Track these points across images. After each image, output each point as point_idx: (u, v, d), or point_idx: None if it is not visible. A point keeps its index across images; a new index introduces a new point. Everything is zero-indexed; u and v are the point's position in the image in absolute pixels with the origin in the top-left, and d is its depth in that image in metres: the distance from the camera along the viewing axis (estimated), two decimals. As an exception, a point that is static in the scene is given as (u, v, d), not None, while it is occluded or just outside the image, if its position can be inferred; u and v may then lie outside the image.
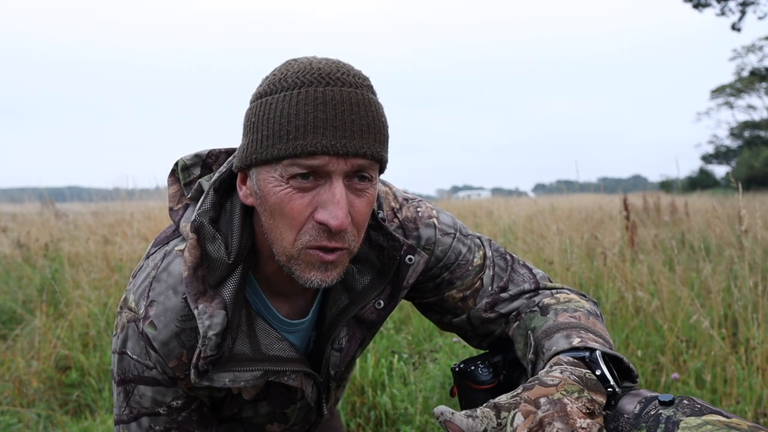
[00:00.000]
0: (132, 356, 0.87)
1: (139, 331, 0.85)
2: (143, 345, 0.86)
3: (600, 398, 0.73)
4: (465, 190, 60.77)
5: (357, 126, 0.77)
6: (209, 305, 0.81)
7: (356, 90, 0.79)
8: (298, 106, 0.76)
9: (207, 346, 0.80)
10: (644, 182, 52.58)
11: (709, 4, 22.10)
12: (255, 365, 0.87)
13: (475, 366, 1.00)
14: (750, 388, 2.37)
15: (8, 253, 5.22)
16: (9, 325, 3.77)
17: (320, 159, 0.76)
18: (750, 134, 43.37)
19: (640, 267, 3.69)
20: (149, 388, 0.88)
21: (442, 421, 0.66)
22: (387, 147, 0.83)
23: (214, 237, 0.84)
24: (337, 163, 0.76)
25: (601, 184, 9.81)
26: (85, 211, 8.10)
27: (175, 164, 0.95)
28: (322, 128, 0.75)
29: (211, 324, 0.80)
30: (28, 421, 2.60)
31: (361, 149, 0.77)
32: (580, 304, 0.97)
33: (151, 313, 0.85)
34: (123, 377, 0.89)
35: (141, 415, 0.90)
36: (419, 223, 1.01)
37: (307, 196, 0.78)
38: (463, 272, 1.02)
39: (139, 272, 0.91)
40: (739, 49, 38.54)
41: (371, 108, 0.79)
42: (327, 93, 0.77)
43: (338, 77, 0.78)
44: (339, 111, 0.76)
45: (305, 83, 0.78)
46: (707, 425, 0.60)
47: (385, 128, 0.82)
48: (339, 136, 0.76)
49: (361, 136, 0.77)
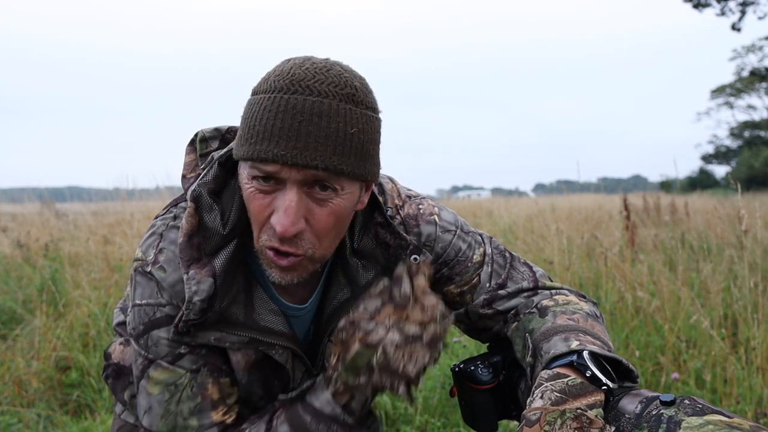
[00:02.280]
0: (142, 302, 0.88)
1: (148, 273, 0.88)
2: (153, 285, 0.88)
3: (591, 399, 0.74)
4: (465, 190, 60.78)
5: (313, 137, 0.76)
6: (199, 272, 0.83)
7: (324, 99, 0.78)
8: (263, 111, 0.78)
9: (191, 310, 0.83)
10: (644, 182, 52.61)
11: (709, 4, 22.10)
12: (244, 331, 0.89)
13: (475, 366, 1.00)
14: (750, 388, 2.37)
15: (8, 253, 5.22)
16: (9, 325, 3.77)
17: (273, 166, 0.78)
18: (750, 134, 43.38)
19: (640, 267, 3.69)
20: (163, 330, 0.87)
21: None
22: (356, 159, 0.80)
23: (211, 207, 0.87)
24: (289, 171, 0.78)
25: (601, 184, 9.80)
26: (85, 211, 8.09)
27: (195, 135, 0.98)
28: (276, 137, 0.77)
29: (198, 290, 0.82)
30: (28, 421, 2.60)
31: (313, 161, 0.76)
32: (579, 305, 0.97)
33: (161, 258, 0.88)
34: (137, 331, 0.89)
35: (167, 364, 0.88)
36: (420, 220, 1.02)
37: (267, 198, 0.81)
38: (462, 269, 1.03)
39: (148, 231, 0.94)
40: (739, 49, 38.56)
41: (337, 119, 0.78)
42: (290, 101, 0.77)
43: (308, 85, 0.78)
44: (296, 120, 0.76)
45: (276, 89, 0.79)
46: (709, 425, 0.60)
47: (352, 140, 0.79)
48: (291, 146, 0.76)
49: (315, 147, 0.76)
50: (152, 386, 0.89)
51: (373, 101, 0.85)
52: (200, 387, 0.89)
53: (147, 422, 0.90)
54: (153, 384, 0.89)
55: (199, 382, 0.89)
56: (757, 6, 21.92)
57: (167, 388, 0.88)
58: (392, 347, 0.84)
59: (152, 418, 0.89)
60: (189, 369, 0.88)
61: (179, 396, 0.88)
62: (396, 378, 0.85)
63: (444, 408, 2.49)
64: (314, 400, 0.89)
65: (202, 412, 0.89)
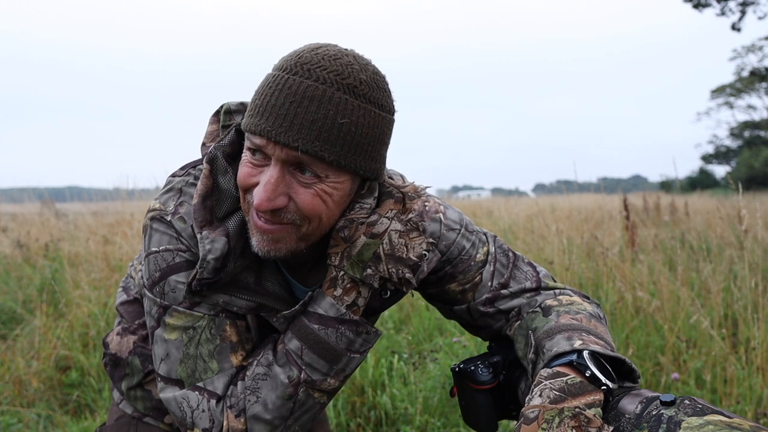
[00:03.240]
0: (159, 249, 0.89)
1: (168, 221, 0.89)
2: (173, 233, 0.89)
3: (590, 398, 0.74)
4: (465, 190, 60.80)
5: (299, 119, 0.78)
6: (212, 232, 0.85)
7: (320, 85, 0.79)
8: (266, 88, 0.82)
9: (205, 269, 0.84)
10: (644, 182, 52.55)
11: (709, 4, 22.10)
12: (253, 296, 0.90)
13: (474, 366, 1.00)
14: (750, 388, 2.37)
15: (8, 253, 5.22)
16: (9, 325, 3.77)
17: (260, 140, 0.80)
18: (750, 134, 43.39)
19: (640, 267, 3.68)
20: (182, 275, 0.88)
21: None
22: (341, 149, 0.80)
23: (226, 170, 0.89)
24: (274, 148, 0.80)
25: (601, 184, 9.79)
26: (85, 211, 8.10)
27: (221, 106, 0.99)
28: (268, 113, 0.80)
29: (212, 249, 0.84)
30: (28, 421, 2.60)
31: (294, 142, 0.78)
32: (582, 306, 0.97)
33: (182, 210, 0.90)
34: (153, 279, 0.90)
35: (184, 308, 0.89)
36: (425, 217, 1.03)
37: (255, 170, 0.83)
38: (465, 267, 1.04)
39: (165, 187, 0.95)
40: (739, 49, 38.58)
41: (327, 106, 0.79)
42: (288, 81, 0.80)
43: (310, 69, 0.80)
44: (288, 101, 0.79)
45: (283, 68, 0.82)
46: (709, 425, 0.60)
47: (340, 129, 0.79)
48: (277, 124, 0.79)
49: (299, 129, 0.78)
50: (169, 332, 0.89)
51: (383, 99, 0.85)
52: (219, 328, 0.89)
53: (164, 370, 0.90)
54: (170, 330, 0.89)
55: (218, 323, 0.89)
56: (757, 6, 21.93)
57: (186, 332, 0.88)
58: (396, 235, 0.90)
59: (170, 364, 0.89)
60: (207, 313, 0.89)
61: (198, 338, 0.88)
62: (401, 264, 0.90)
63: (444, 408, 2.49)
64: (317, 308, 0.89)
65: (221, 354, 0.89)
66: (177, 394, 0.88)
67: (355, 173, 0.85)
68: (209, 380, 0.88)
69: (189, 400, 0.88)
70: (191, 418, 0.87)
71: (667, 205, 8.19)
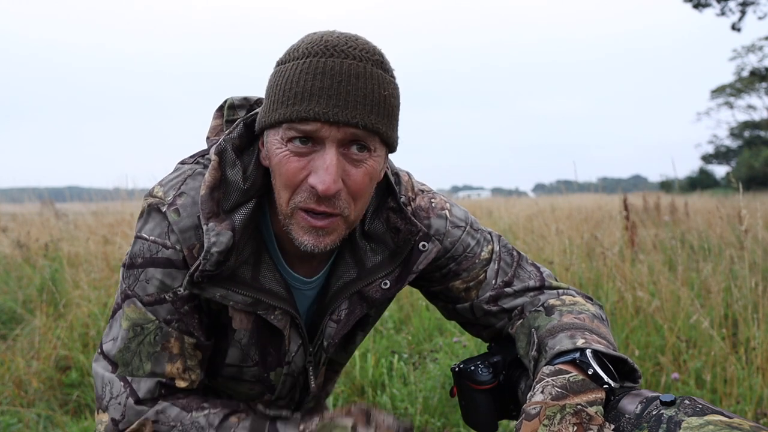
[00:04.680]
0: (149, 238, 0.89)
1: (162, 213, 0.89)
2: (165, 225, 0.88)
3: (592, 396, 0.74)
4: (465, 190, 60.80)
5: (352, 96, 0.80)
6: (219, 224, 0.85)
7: (359, 63, 0.81)
8: (300, 75, 0.81)
9: (208, 261, 0.84)
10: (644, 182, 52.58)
11: (709, 4, 22.10)
12: (249, 291, 0.90)
13: (474, 366, 1.00)
14: (750, 388, 2.37)
15: (8, 253, 5.22)
16: (9, 325, 3.77)
17: (313, 125, 0.80)
18: (750, 134, 43.39)
19: (640, 267, 3.68)
20: (159, 270, 0.88)
21: None
22: (388, 121, 0.85)
23: (234, 163, 0.89)
24: (329, 130, 0.80)
25: (600, 184, 9.80)
26: (85, 211, 8.09)
27: (224, 101, 1.00)
28: (317, 96, 0.79)
29: (217, 241, 0.84)
30: (28, 421, 2.60)
31: (353, 119, 0.80)
32: (585, 306, 0.98)
33: (179, 202, 0.89)
34: (132, 261, 0.90)
35: (144, 304, 0.89)
36: (431, 213, 1.03)
37: (303, 161, 0.82)
38: (470, 264, 1.04)
39: (173, 172, 0.95)
40: (739, 49, 38.59)
41: (372, 81, 0.82)
42: (327, 64, 0.80)
43: (343, 50, 0.82)
44: (336, 81, 0.80)
45: (312, 54, 0.82)
46: (709, 425, 0.60)
47: (386, 102, 0.83)
48: (332, 105, 0.79)
49: (354, 106, 0.80)
50: (124, 320, 0.90)
51: (393, 71, 0.89)
52: (163, 338, 0.90)
53: (108, 347, 0.91)
54: (125, 318, 0.90)
55: (164, 333, 0.89)
56: (757, 6, 21.93)
57: (134, 327, 0.89)
58: None
59: (113, 346, 0.90)
60: (161, 318, 0.89)
61: (143, 338, 0.89)
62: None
63: (444, 408, 2.49)
64: (282, 429, 0.89)
65: (158, 360, 0.90)
66: (106, 375, 0.90)
67: (390, 145, 0.88)
68: (137, 379, 0.89)
69: (113, 387, 0.89)
70: (107, 402, 0.89)
71: (667, 205, 8.19)
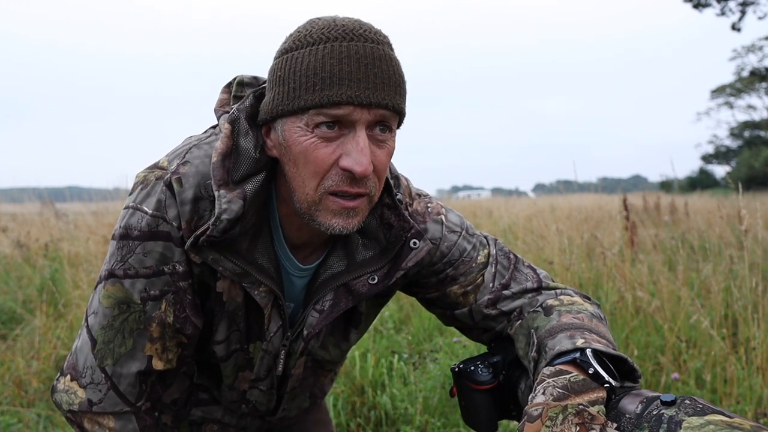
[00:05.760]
0: (148, 211, 0.88)
1: (165, 184, 0.88)
2: (164, 198, 0.87)
3: (593, 395, 0.74)
4: (465, 190, 60.82)
5: (379, 79, 0.82)
6: (230, 192, 0.85)
7: (378, 46, 0.83)
8: (324, 59, 0.81)
9: (217, 227, 0.83)
10: (644, 182, 52.59)
11: (709, 4, 22.10)
12: (241, 262, 0.90)
13: (474, 366, 1.00)
14: (750, 388, 2.37)
15: (8, 253, 5.22)
16: (9, 325, 3.77)
17: (345, 109, 0.81)
18: (750, 134, 43.40)
19: (640, 267, 3.68)
20: (160, 243, 0.88)
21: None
22: (405, 100, 0.87)
23: (247, 132, 0.89)
24: (360, 113, 0.81)
25: (600, 184, 9.80)
26: (85, 211, 8.09)
27: (234, 78, 0.99)
28: (347, 80, 0.80)
29: (228, 208, 0.83)
30: (28, 421, 2.59)
31: (383, 100, 0.82)
32: (583, 306, 0.98)
33: (182, 170, 0.88)
34: (127, 233, 0.89)
35: (139, 276, 0.89)
36: (427, 217, 1.04)
37: (331, 146, 0.83)
38: (467, 269, 1.04)
39: (181, 143, 0.95)
40: (739, 49, 38.59)
41: (391, 63, 0.84)
42: (351, 48, 0.81)
43: (361, 33, 0.83)
44: (363, 64, 0.81)
45: (330, 38, 0.82)
46: (710, 425, 0.60)
47: (403, 82, 0.86)
48: (363, 87, 0.81)
49: (383, 88, 0.82)
50: (105, 298, 0.90)
51: None
52: (147, 320, 0.90)
53: (91, 321, 0.92)
54: (106, 296, 0.90)
55: (147, 316, 0.90)
56: (757, 6, 21.93)
57: (120, 305, 0.89)
58: None
59: (95, 323, 0.91)
60: (148, 296, 0.89)
61: (127, 316, 0.90)
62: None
63: (444, 408, 2.49)
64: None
65: (140, 337, 0.90)
66: (89, 357, 0.91)
67: (400, 125, 0.91)
68: (118, 371, 0.90)
69: (94, 373, 0.91)
70: (86, 383, 0.92)
71: (667, 205, 8.18)
